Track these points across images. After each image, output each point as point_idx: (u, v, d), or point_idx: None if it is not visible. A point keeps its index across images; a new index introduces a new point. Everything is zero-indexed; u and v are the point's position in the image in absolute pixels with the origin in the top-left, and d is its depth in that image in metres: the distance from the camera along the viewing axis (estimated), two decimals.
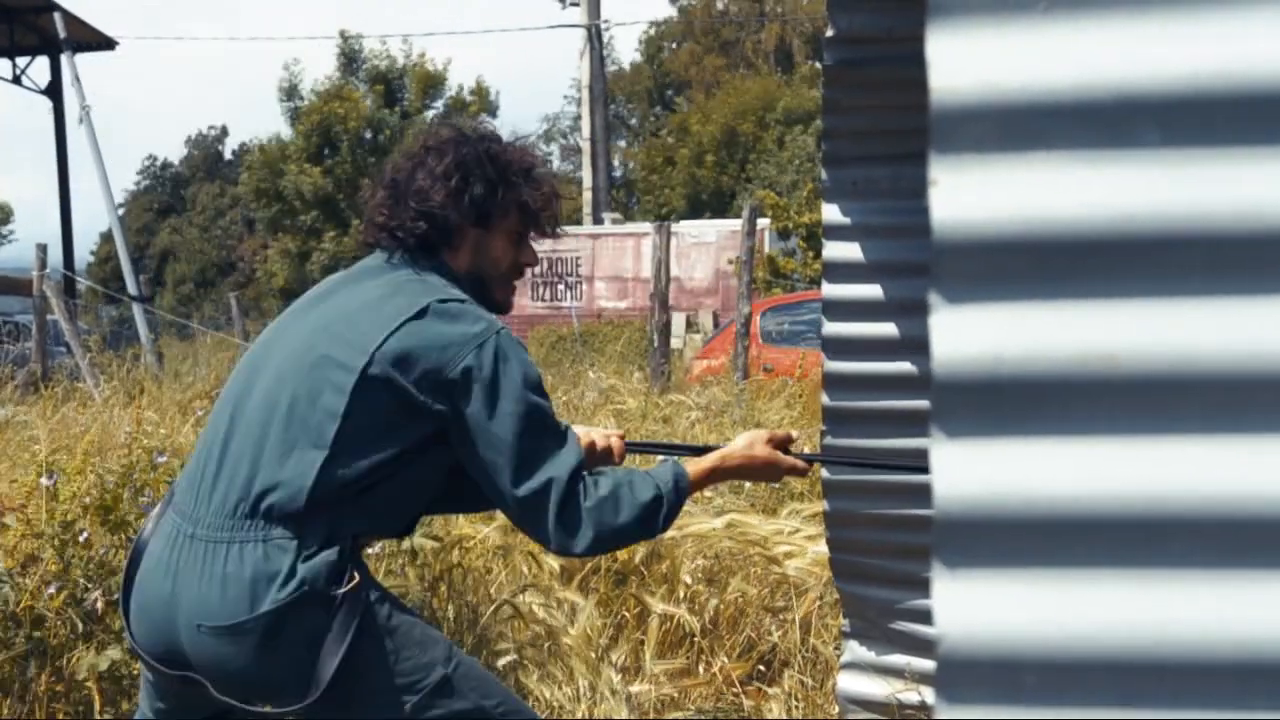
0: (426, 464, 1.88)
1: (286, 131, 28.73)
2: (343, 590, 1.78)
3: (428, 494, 1.96)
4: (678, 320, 15.05)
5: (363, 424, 1.80)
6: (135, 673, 2.86)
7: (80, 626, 2.83)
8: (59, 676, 2.79)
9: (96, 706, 2.74)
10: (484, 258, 2.01)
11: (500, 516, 3.81)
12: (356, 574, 1.81)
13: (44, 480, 3.04)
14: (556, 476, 1.81)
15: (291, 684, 1.78)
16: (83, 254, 37.30)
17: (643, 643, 3.33)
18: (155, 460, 3.15)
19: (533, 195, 2.02)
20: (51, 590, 2.80)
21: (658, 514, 1.90)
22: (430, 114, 28.64)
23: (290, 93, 28.56)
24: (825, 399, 2.69)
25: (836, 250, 2.63)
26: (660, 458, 2.25)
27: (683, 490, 1.96)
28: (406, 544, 3.23)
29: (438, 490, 1.97)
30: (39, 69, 18.90)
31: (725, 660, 3.38)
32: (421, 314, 1.83)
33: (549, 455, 1.83)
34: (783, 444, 2.14)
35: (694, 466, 2.04)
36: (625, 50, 58.97)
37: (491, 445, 1.81)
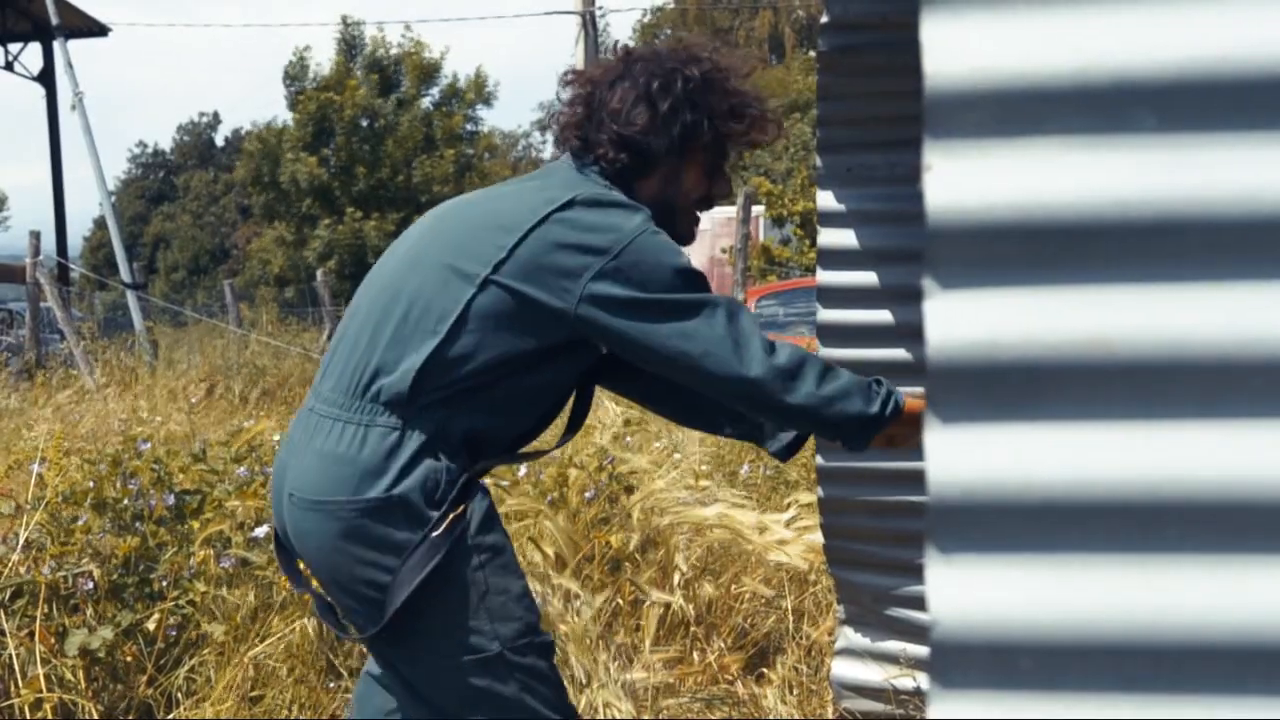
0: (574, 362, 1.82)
1: (284, 116, 28.62)
2: (440, 515, 1.70)
3: (553, 399, 1.87)
4: None
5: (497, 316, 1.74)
6: (128, 658, 2.86)
7: (66, 619, 2.83)
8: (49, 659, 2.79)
9: (82, 685, 2.74)
10: (675, 187, 1.87)
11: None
12: (465, 506, 1.73)
13: (33, 467, 3.05)
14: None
15: (361, 597, 1.73)
16: (76, 241, 37.22)
17: (638, 630, 3.33)
18: (139, 448, 3.18)
19: (740, 128, 1.86)
20: (46, 572, 2.80)
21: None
22: (426, 101, 28.56)
23: (296, 77, 28.40)
24: None
25: (831, 237, 2.63)
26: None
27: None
28: None
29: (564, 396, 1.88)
30: (31, 55, 18.81)
31: (722, 647, 3.39)
32: (567, 205, 1.74)
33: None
34: None
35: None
36: (621, 38, 58.81)
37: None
